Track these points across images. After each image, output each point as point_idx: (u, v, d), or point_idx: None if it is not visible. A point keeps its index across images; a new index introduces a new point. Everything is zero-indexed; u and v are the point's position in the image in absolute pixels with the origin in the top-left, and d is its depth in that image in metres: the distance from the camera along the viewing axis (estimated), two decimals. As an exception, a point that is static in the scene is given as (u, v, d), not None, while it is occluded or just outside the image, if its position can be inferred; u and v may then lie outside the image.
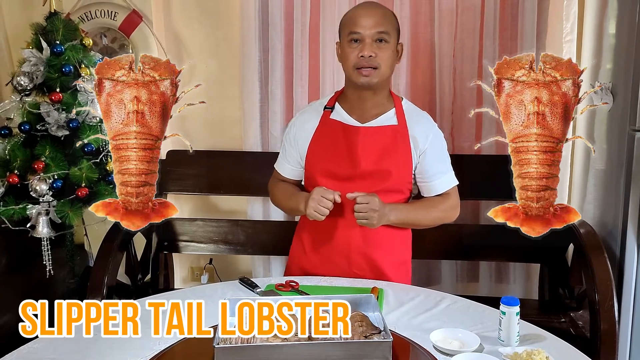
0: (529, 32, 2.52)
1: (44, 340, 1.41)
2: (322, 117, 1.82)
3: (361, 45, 1.70)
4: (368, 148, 1.75)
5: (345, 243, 1.78)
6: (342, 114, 1.81)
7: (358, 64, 1.70)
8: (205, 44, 2.87)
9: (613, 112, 2.25)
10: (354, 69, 1.72)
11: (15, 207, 2.21)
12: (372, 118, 1.79)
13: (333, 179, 1.76)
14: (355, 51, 1.70)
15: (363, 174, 1.75)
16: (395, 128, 1.77)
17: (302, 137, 1.83)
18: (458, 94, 2.67)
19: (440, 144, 1.85)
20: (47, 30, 2.29)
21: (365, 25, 1.69)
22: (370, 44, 1.69)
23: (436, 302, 1.60)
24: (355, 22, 1.71)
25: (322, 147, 1.79)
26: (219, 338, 1.24)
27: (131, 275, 2.57)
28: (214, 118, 2.93)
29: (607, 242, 2.24)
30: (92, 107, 2.28)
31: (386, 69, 1.73)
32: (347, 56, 1.73)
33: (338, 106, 1.82)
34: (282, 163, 1.92)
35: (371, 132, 1.76)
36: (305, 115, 1.88)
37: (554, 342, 1.38)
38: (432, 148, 1.80)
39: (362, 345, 1.22)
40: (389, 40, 1.72)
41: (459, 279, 2.81)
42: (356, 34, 1.70)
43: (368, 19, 1.70)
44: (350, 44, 1.71)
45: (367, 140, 1.75)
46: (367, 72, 1.71)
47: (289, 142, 1.87)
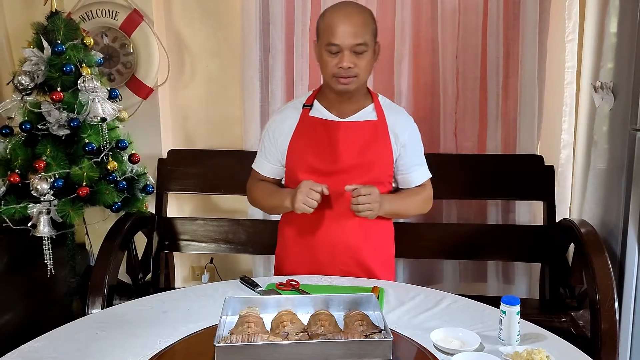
0: (531, 32, 2.52)
1: (45, 339, 1.41)
2: (301, 115, 1.82)
3: (340, 56, 1.66)
4: (349, 142, 1.76)
5: (329, 238, 1.79)
6: (321, 111, 1.81)
7: (337, 73, 1.69)
8: (206, 43, 2.87)
9: (614, 112, 2.25)
10: (333, 76, 1.71)
11: (17, 206, 2.21)
12: (351, 113, 1.79)
13: (315, 175, 1.76)
14: (334, 60, 1.68)
15: (345, 168, 1.75)
16: (375, 123, 1.78)
17: (281, 134, 1.82)
18: (461, 94, 2.67)
19: (417, 137, 1.86)
20: (48, 30, 2.29)
21: (344, 36, 1.64)
22: (349, 55, 1.66)
23: (437, 301, 1.60)
24: (332, 33, 1.65)
25: (303, 143, 1.79)
26: (220, 337, 1.24)
27: (132, 274, 2.57)
28: (214, 117, 2.94)
29: (608, 241, 2.23)
30: (93, 107, 2.30)
31: (365, 75, 1.73)
32: (325, 64, 1.71)
33: (317, 103, 1.82)
34: (261, 162, 1.91)
35: (352, 126, 1.77)
36: (284, 113, 1.87)
37: (555, 341, 1.38)
38: (411, 141, 1.82)
39: (363, 344, 1.22)
40: (368, 49, 1.69)
41: (462, 278, 2.81)
42: (335, 46, 1.66)
43: (346, 29, 1.64)
44: (329, 53, 1.68)
45: (348, 135, 1.76)
46: (346, 81, 1.70)
47: (269, 140, 1.86)
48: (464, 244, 2.59)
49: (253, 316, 1.35)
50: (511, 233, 2.64)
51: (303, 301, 1.45)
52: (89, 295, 2.15)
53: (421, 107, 2.74)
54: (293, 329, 1.29)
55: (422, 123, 2.71)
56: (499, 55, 2.58)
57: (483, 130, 2.70)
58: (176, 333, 1.40)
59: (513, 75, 2.62)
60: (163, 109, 2.89)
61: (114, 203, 2.34)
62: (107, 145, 2.34)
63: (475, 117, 2.68)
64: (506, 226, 2.68)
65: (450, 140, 2.71)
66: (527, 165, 2.58)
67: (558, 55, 2.58)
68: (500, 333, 1.35)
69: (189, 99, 2.95)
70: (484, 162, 2.64)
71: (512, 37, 2.59)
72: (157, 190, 2.72)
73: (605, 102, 2.28)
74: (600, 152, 2.36)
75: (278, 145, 1.83)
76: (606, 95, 2.27)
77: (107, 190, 2.31)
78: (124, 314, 1.55)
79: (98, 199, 2.31)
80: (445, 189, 2.59)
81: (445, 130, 2.70)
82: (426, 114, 2.74)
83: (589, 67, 2.53)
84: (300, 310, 1.42)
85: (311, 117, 1.80)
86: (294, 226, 1.84)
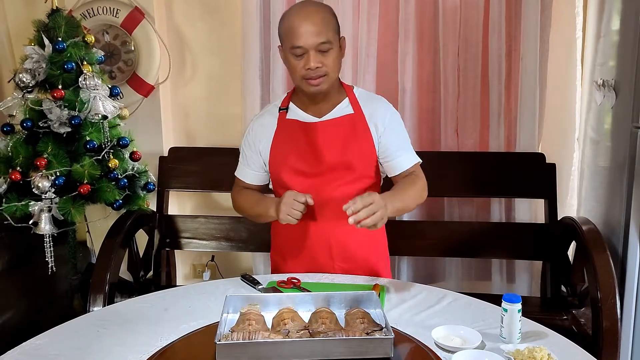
0: (532, 29, 2.51)
1: (47, 336, 1.41)
2: (278, 119, 1.80)
3: (306, 58, 1.64)
4: (329, 141, 1.74)
5: (324, 240, 1.78)
6: (297, 113, 1.79)
7: (306, 75, 1.66)
8: (207, 41, 2.87)
9: (616, 109, 2.24)
10: (302, 79, 1.68)
11: (18, 204, 2.21)
12: (327, 111, 1.77)
13: (300, 176, 1.75)
14: (301, 63, 1.66)
15: (329, 168, 1.74)
16: (352, 116, 1.76)
17: (261, 140, 1.81)
18: (462, 91, 2.66)
19: (398, 122, 1.81)
20: (49, 27, 2.29)
21: (307, 37, 1.62)
22: (315, 55, 1.64)
23: (438, 299, 1.60)
24: (295, 35, 1.63)
25: (284, 147, 1.78)
26: (221, 334, 1.24)
27: (133, 272, 2.57)
28: (216, 115, 2.94)
29: (610, 239, 2.23)
30: (94, 104, 2.30)
31: (334, 72, 1.71)
32: (293, 68, 1.68)
33: (293, 105, 1.81)
34: (243, 170, 1.89)
35: (329, 124, 1.75)
36: (261, 119, 1.85)
37: (556, 339, 1.37)
38: (390, 127, 1.78)
39: (364, 342, 1.21)
40: (332, 46, 1.66)
41: (464, 276, 2.81)
42: (299, 48, 1.64)
43: (308, 29, 1.62)
44: (294, 56, 1.66)
45: (327, 134, 1.74)
46: (317, 82, 1.68)
47: (249, 147, 1.84)
48: (465, 242, 2.59)
49: (254, 314, 1.35)
50: (513, 231, 2.64)
51: (304, 299, 1.45)
52: (90, 293, 2.15)
53: (424, 104, 2.73)
54: (294, 326, 1.29)
55: (423, 121, 2.75)
56: (500, 52, 2.57)
57: (484, 128, 2.69)
58: (177, 331, 1.40)
59: (515, 72, 2.61)
60: (164, 107, 2.89)
61: (115, 201, 2.34)
62: (108, 143, 2.34)
63: (476, 115, 2.68)
64: (508, 224, 2.68)
65: (452, 138, 2.70)
66: (529, 163, 2.57)
67: (560, 53, 2.57)
68: (501, 331, 1.35)
69: (190, 96, 2.95)
70: (486, 160, 2.64)
71: (513, 34, 2.58)
72: (158, 188, 2.72)
73: (607, 100, 2.28)
74: (602, 149, 2.36)
75: (259, 151, 1.82)
76: (608, 93, 2.27)
77: (108, 188, 2.31)
78: (125, 312, 1.55)
79: (99, 196, 2.31)
80: (447, 187, 2.60)
81: (447, 128, 2.70)
82: (428, 112, 2.73)
83: (591, 64, 2.52)
84: (301, 307, 1.42)
85: (288, 119, 1.79)
86: (287, 229, 1.80)
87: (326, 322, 1.31)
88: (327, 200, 1.73)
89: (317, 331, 1.26)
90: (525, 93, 2.57)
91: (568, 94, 2.61)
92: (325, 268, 1.80)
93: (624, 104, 2.16)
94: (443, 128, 2.70)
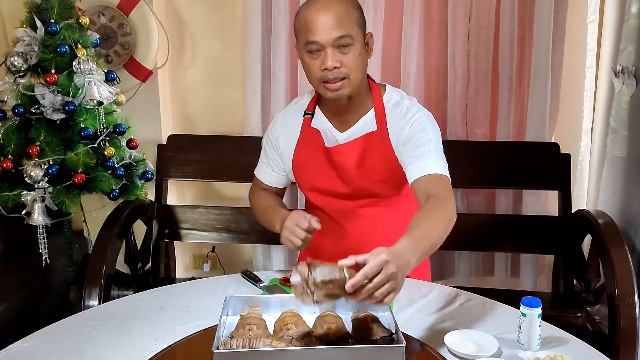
0: (546, 12, 2.39)
1: (35, 338, 1.34)
2: (303, 125, 1.64)
3: (322, 56, 1.44)
4: (349, 165, 1.59)
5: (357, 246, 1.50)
6: (322, 122, 1.63)
7: (323, 77, 1.46)
8: (208, 23, 2.78)
9: (636, 98, 2.14)
10: (320, 82, 1.48)
11: (10, 194, 2.14)
12: (352, 122, 1.60)
13: (323, 195, 1.64)
14: (317, 63, 1.45)
15: (353, 191, 1.61)
16: (374, 135, 1.58)
17: (285, 144, 1.66)
18: (472, 78, 2.55)
19: (421, 128, 1.53)
20: (42, 9, 2.19)
21: (322, 30, 1.41)
22: (333, 53, 1.43)
23: (450, 299, 1.52)
24: (309, 29, 1.43)
25: (306, 162, 1.64)
26: (219, 341, 1.15)
27: (131, 264, 2.50)
28: (216, 101, 2.86)
29: (627, 232, 2.15)
30: (89, 89, 2.21)
31: (356, 74, 1.48)
32: (308, 68, 1.48)
33: (318, 111, 1.64)
34: (263, 169, 1.74)
35: (348, 147, 1.59)
36: (285, 117, 1.69)
37: (578, 345, 1.29)
38: (408, 137, 1.53)
39: (373, 351, 1.13)
40: (354, 42, 1.45)
41: (473, 272, 2.73)
42: (313, 44, 1.43)
43: (324, 22, 1.41)
44: (309, 54, 1.46)
45: (347, 157, 1.59)
46: (336, 86, 1.46)
47: (270, 145, 1.69)
48: (476, 236, 2.50)
49: (255, 317, 1.27)
50: (524, 224, 2.55)
51: (308, 301, 1.36)
52: (86, 286, 2.07)
53: (431, 91, 2.62)
54: (297, 332, 1.21)
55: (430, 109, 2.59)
56: (513, 36, 2.46)
57: (495, 116, 2.58)
58: (174, 333, 1.33)
59: (528, 58, 2.49)
60: (163, 92, 2.80)
61: (111, 190, 2.26)
62: (104, 130, 2.24)
63: (487, 103, 2.57)
64: (519, 217, 2.59)
65: (461, 127, 2.60)
66: (542, 154, 2.47)
67: (577, 38, 2.46)
68: (519, 337, 1.27)
69: (189, 81, 2.86)
70: (497, 149, 2.54)
71: (527, 18, 2.46)
72: (157, 177, 2.64)
73: (627, 87, 2.17)
74: (619, 139, 2.26)
75: (281, 153, 1.67)
76: (627, 80, 2.17)
77: (104, 177, 2.22)
78: (118, 311, 1.48)
79: (95, 186, 2.23)
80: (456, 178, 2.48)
81: (455, 116, 2.59)
82: (437, 99, 2.63)
83: (609, 50, 2.41)
84: (305, 310, 1.33)
85: (312, 129, 1.63)
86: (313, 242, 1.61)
87: (332, 327, 1.22)
88: (353, 219, 1.62)
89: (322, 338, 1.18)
90: (537, 80, 2.46)
91: (577, 81, 2.51)
92: None
93: (644, 91, 2.06)
94: (451, 116, 2.59)
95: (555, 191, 2.51)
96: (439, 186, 1.44)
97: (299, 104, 1.70)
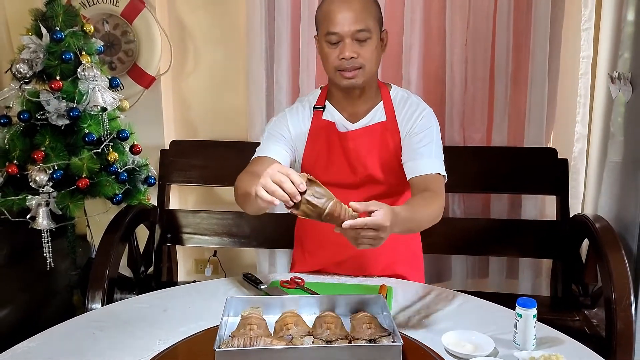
0: (543, 20, 2.43)
1: (40, 338, 1.36)
2: (313, 119, 1.69)
3: (341, 46, 1.53)
4: (359, 152, 1.64)
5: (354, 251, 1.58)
6: (333, 114, 1.68)
7: (340, 66, 1.55)
8: (210, 31, 2.81)
9: (632, 103, 2.16)
10: (336, 70, 1.57)
11: (15, 198, 2.17)
12: (363, 114, 1.66)
13: (335, 187, 1.66)
14: (335, 52, 1.54)
15: (360, 180, 1.66)
16: (384, 125, 1.65)
17: (297, 133, 1.68)
18: (470, 84, 2.59)
19: (426, 126, 1.63)
20: (47, 16, 2.23)
21: (343, 22, 1.51)
22: (351, 44, 1.52)
23: (447, 301, 1.54)
24: (331, 20, 1.52)
25: (318, 155, 1.67)
26: (220, 340, 1.18)
27: (133, 268, 2.52)
28: (218, 108, 2.88)
29: (624, 237, 2.16)
30: (93, 96, 2.24)
31: (371, 66, 1.58)
32: (326, 57, 1.57)
33: (329, 104, 1.69)
34: (267, 146, 1.66)
35: (361, 134, 1.65)
36: (295, 111, 1.72)
37: (572, 345, 1.31)
38: (415, 131, 1.62)
39: (371, 349, 1.16)
40: (371, 36, 1.54)
41: (470, 275, 2.75)
42: (334, 35, 1.53)
43: (345, 15, 1.51)
44: (329, 44, 1.55)
45: (358, 144, 1.64)
46: (351, 74, 1.56)
47: (284, 126, 1.68)
48: (474, 240, 2.52)
49: (256, 317, 1.29)
50: (523, 228, 2.57)
51: (308, 302, 1.39)
52: (89, 289, 2.09)
53: (430, 97, 2.65)
54: (297, 332, 1.23)
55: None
56: (509, 45, 2.49)
57: (491, 122, 2.62)
58: (176, 333, 1.35)
59: (524, 66, 2.53)
60: (165, 99, 2.83)
61: (114, 195, 2.29)
62: (108, 136, 2.28)
63: (484, 109, 2.60)
64: (518, 221, 2.61)
65: (458, 133, 2.63)
66: (540, 158, 2.50)
67: (573, 45, 2.49)
68: (515, 337, 1.29)
69: (192, 88, 2.89)
70: (495, 154, 2.57)
71: (524, 27, 2.50)
72: (159, 182, 2.67)
73: (623, 94, 2.20)
74: (616, 144, 2.29)
75: (292, 136, 1.68)
76: (623, 86, 2.19)
77: (107, 182, 2.26)
78: (122, 312, 1.50)
79: (98, 190, 2.26)
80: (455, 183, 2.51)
81: (453, 122, 2.62)
82: (435, 105, 2.64)
83: (606, 56, 2.44)
84: (305, 311, 1.37)
85: (324, 121, 1.67)
86: (311, 231, 1.70)
87: (331, 327, 1.25)
88: None
89: (321, 337, 1.20)
90: (533, 87, 2.49)
91: (571, 88, 2.54)
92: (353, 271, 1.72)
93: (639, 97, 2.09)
94: (449, 121, 2.62)
95: (552, 196, 2.54)
96: (434, 184, 1.56)
97: (305, 100, 1.74)
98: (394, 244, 1.69)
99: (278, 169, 1.21)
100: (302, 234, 1.83)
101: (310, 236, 1.79)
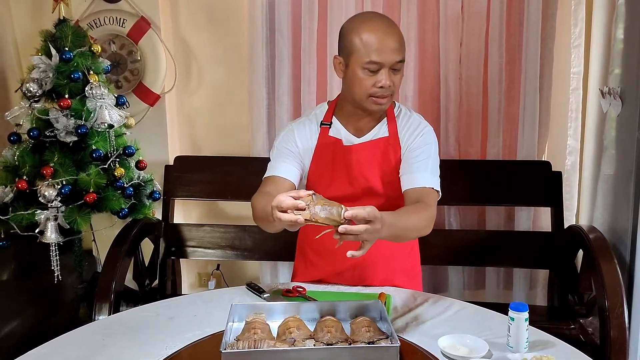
0: (534, 38, 2.51)
1: (52, 345, 1.41)
2: (320, 135, 1.71)
3: (379, 75, 1.55)
4: (361, 165, 1.69)
5: (353, 263, 1.68)
6: (339, 130, 1.72)
7: (375, 93, 1.58)
8: (213, 50, 2.89)
9: (622, 117, 2.23)
10: (369, 96, 1.59)
11: (24, 213, 2.23)
12: (368, 130, 1.72)
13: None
14: (371, 80, 1.56)
15: (363, 192, 1.71)
16: (387, 140, 1.70)
17: (305, 148, 1.71)
18: (464, 100, 2.66)
19: (425, 142, 1.69)
20: (56, 37, 2.32)
21: (387, 53, 1.54)
22: (389, 73, 1.56)
23: (444, 308, 1.59)
24: (375, 50, 1.53)
25: (323, 170, 1.71)
26: (226, 343, 1.23)
27: (139, 280, 2.57)
28: (221, 124, 2.95)
29: (617, 247, 2.21)
30: (100, 113, 2.31)
31: (396, 92, 1.64)
32: (359, 82, 1.58)
33: (335, 121, 1.72)
34: (277, 165, 1.69)
35: (365, 147, 1.70)
36: (301, 125, 1.74)
37: (563, 348, 1.36)
38: (413, 147, 1.68)
39: (369, 351, 1.21)
40: (403, 65, 1.61)
41: (466, 286, 2.79)
42: (376, 64, 1.54)
43: (389, 46, 1.54)
44: (368, 71, 1.56)
45: (361, 157, 1.69)
46: (384, 102, 1.60)
47: (287, 143, 1.71)
48: (470, 251, 2.58)
49: (259, 322, 1.35)
50: (518, 239, 2.63)
51: (309, 307, 1.45)
52: (96, 302, 2.14)
53: (426, 113, 2.72)
54: (299, 335, 1.28)
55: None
56: (501, 61, 2.57)
57: (486, 136, 2.68)
58: (182, 339, 1.40)
59: (517, 81, 2.61)
60: (170, 116, 2.91)
61: (120, 209, 2.35)
62: (114, 152, 2.35)
63: (478, 123, 2.67)
64: (513, 232, 2.67)
65: (454, 147, 2.70)
66: (534, 171, 2.57)
67: (564, 61, 2.57)
68: (508, 340, 1.34)
69: (195, 105, 2.96)
70: (491, 167, 2.63)
71: (516, 44, 2.58)
72: (164, 197, 2.73)
73: (613, 108, 2.27)
74: (609, 157, 2.35)
75: (299, 149, 1.71)
76: (614, 101, 2.26)
77: (114, 197, 2.32)
78: (130, 321, 1.55)
79: (105, 205, 2.32)
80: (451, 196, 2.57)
81: (448, 137, 2.69)
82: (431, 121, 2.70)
83: (597, 72, 2.52)
84: (306, 316, 1.42)
85: (330, 137, 1.71)
86: (312, 242, 1.73)
87: (332, 331, 1.30)
88: None
89: (322, 340, 1.26)
90: (526, 102, 2.57)
91: (563, 102, 2.61)
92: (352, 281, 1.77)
93: (630, 111, 2.15)
94: (444, 136, 2.69)
95: (546, 207, 2.60)
96: (426, 197, 1.61)
97: (312, 115, 1.77)
98: (392, 255, 1.77)
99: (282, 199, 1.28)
100: (305, 244, 1.89)
101: (312, 247, 1.84)
